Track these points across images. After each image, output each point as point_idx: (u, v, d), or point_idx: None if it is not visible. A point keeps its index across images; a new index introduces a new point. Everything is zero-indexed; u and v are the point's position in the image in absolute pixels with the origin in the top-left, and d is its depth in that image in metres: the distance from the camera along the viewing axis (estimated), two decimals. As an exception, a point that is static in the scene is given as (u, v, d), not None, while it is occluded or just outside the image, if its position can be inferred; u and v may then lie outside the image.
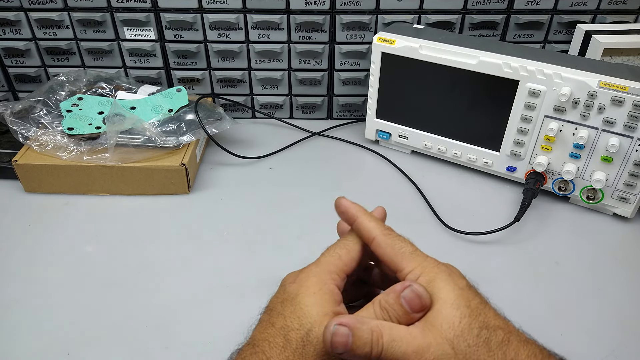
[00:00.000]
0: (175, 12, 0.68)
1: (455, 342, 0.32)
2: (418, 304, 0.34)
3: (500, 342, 0.32)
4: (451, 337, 0.32)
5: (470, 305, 0.34)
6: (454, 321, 0.33)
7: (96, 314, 0.46)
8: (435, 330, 0.33)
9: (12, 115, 0.60)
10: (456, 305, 0.33)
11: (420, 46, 0.59)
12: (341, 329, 0.32)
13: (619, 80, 0.51)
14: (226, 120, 0.64)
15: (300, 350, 0.33)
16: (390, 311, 0.34)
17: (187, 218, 0.58)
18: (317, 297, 0.35)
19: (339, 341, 0.32)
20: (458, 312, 0.33)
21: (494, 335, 0.33)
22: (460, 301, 0.34)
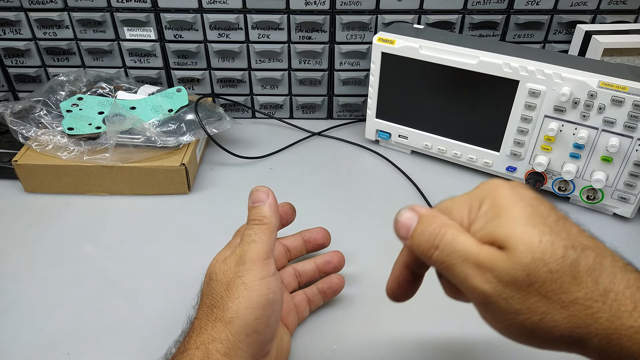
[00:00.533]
0: (175, 12, 0.68)
1: (532, 267, 0.26)
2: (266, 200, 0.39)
3: (591, 266, 0.26)
4: (528, 261, 0.26)
5: (547, 222, 0.27)
6: (532, 241, 0.26)
7: (96, 314, 0.46)
8: (509, 252, 0.26)
9: (12, 115, 0.60)
10: (532, 223, 0.27)
11: (420, 46, 0.59)
12: (409, 212, 0.30)
13: (619, 80, 0.51)
14: (226, 120, 0.64)
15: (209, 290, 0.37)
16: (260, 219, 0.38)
17: (187, 218, 0.58)
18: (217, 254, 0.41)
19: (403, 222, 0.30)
20: (536, 229, 0.26)
21: (583, 257, 0.26)
22: (534, 218, 0.27)
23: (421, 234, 0.29)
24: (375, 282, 0.50)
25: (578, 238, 0.27)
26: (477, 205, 0.29)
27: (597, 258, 0.26)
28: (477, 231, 0.28)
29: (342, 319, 0.46)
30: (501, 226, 0.27)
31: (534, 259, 0.26)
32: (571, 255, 0.26)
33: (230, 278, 0.36)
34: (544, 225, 0.27)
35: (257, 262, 0.36)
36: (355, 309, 0.47)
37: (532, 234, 0.26)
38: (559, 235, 0.26)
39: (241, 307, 0.35)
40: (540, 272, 0.25)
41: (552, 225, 0.27)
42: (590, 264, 0.26)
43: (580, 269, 0.26)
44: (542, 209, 0.28)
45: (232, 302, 0.35)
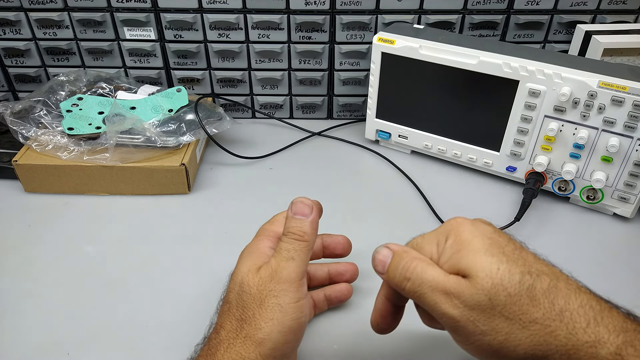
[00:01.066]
0: (175, 12, 0.68)
1: (493, 292, 0.29)
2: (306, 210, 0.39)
3: (547, 289, 0.29)
4: (489, 287, 0.29)
5: (505, 252, 0.30)
6: (491, 268, 0.29)
7: (96, 314, 0.46)
8: (472, 280, 0.29)
9: (12, 115, 0.60)
10: (490, 253, 0.30)
11: (420, 46, 0.59)
12: (384, 250, 0.35)
13: (619, 80, 0.51)
14: (226, 120, 0.64)
15: (240, 302, 0.36)
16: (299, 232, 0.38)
17: (187, 218, 0.58)
18: (246, 258, 0.39)
19: (380, 259, 0.34)
20: (494, 259, 0.30)
21: (539, 282, 0.29)
22: (493, 249, 0.30)
23: (395, 268, 0.33)
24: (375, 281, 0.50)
25: (534, 265, 0.30)
26: (444, 240, 0.33)
27: (552, 282, 0.29)
28: (444, 263, 0.32)
29: (342, 319, 0.46)
30: (464, 257, 0.31)
31: (493, 284, 0.29)
32: (527, 281, 0.29)
33: (265, 295, 0.35)
34: (501, 255, 0.30)
35: (294, 283, 0.36)
36: (356, 308, 0.47)
37: (491, 262, 0.30)
38: (515, 263, 0.29)
39: (274, 330, 0.34)
40: (500, 296, 0.29)
41: (510, 254, 0.30)
42: (545, 288, 0.29)
43: (536, 292, 0.29)
44: (500, 240, 0.31)
45: (266, 323, 0.35)
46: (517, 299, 0.28)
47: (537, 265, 0.30)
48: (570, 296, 0.29)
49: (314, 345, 0.44)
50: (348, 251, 0.47)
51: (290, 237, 0.38)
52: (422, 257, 0.33)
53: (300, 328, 0.36)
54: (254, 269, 0.37)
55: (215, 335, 0.36)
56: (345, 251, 0.47)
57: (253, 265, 0.37)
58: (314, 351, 0.43)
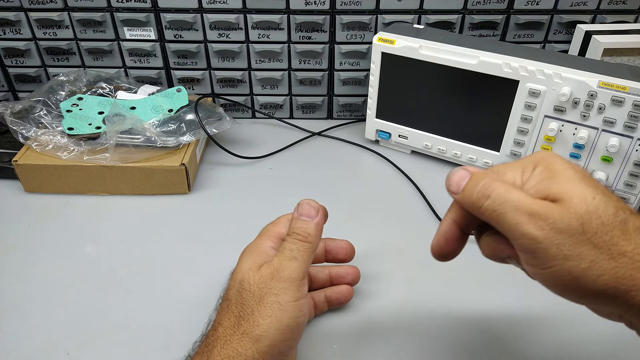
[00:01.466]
0: (175, 12, 0.68)
1: (586, 217, 0.27)
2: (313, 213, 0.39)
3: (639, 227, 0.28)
4: (583, 212, 0.28)
5: (599, 187, 0.29)
6: (586, 196, 0.28)
7: (96, 314, 0.46)
8: (564, 203, 0.28)
9: (12, 115, 0.60)
10: (585, 183, 0.29)
11: (420, 46, 0.59)
12: (462, 171, 0.32)
13: (619, 80, 0.51)
14: (226, 120, 0.64)
15: (239, 299, 0.36)
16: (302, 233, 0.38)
17: (187, 218, 0.58)
18: (247, 257, 0.39)
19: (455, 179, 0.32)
20: (590, 189, 0.28)
21: (632, 219, 0.28)
22: (588, 180, 0.29)
23: (473, 186, 0.31)
24: (376, 281, 0.50)
25: (626, 206, 0.29)
26: (531, 168, 0.31)
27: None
28: (530, 188, 0.30)
29: (342, 319, 0.46)
30: (556, 183, 0.29)
31: (588, 210, 0.27)
32: (622, 215, 0.28)
33: (264, 292, 0.36)
34: (597, 187, 0.29)
35: (294, 282, 0.36)
36: (356, 309, 0.47)
37: (587, 191, 0.28)
38: (610, 198, 0.28)
39: (272, 327, 0.35)
40: (593, 223, 0.27)
41: (604, 190, 0.29)
42: (638, 225, 0.28)
43: (629, 227, 0.28)
44: (592, 179, 0.30)
45: (264, 320, 0.35)
46: (610, 229, 0.27)
47: (629, 207, 0.29)
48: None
49: (314, 345, 0.44)
50: (351, 257, 0.47)
51: (294, 238, 0.38)
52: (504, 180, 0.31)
53: (298, 327, 0.36)
54: (255, 267, 0.37)
55: (213, 332, 0.36)
56: (348, 257, 0.47)
57: (254, 263, 0.38)
58: (314, 351, 0.43)
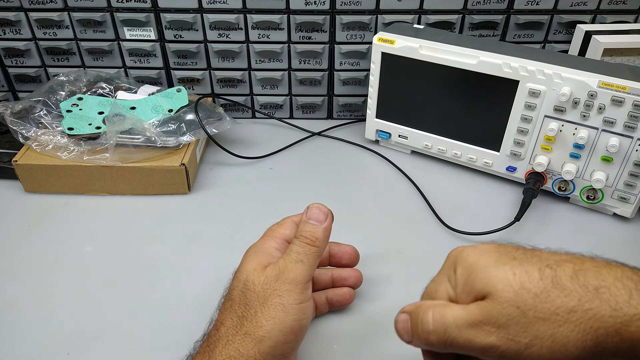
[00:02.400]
0: (175, 12, 0.68)
1: (518, 299, 0.27)
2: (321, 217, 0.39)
3: (572, 274, 0.27)
4: (512, 295, 0.27)
5: (516, 257, 0.29)
6: (507, 277, 0.27)
7: (96, 314, 0.46)
8: (493, 296, 0.27)
9: (12, 115, 0.60)
10: (500, 263, 0.29)
11: (420, 46, 0.59)
12: (402, 316, 0.32)
13: (619, 80, 0.51)
14: (226, 120, 0.64)
15: (243, 300, 0.36)
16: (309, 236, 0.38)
17: (187, 218, 0.58)
18: (252, 257, 0.39)
19: (401, 327, 0.32)
20: (507, 266, 0.28)
21: (561, 271, 0.27)
22: (502, 258, 0.29)
23: (415, 328, 0.31)
24: (375, 281, 0.50)
25: (551, 258, 0.28)
26: (452, 272, 0.31)
27: (577, 266, 0.27)
28: (461, 293, 0.30)
29: (342, 320, 0.46)
30: (477, 279, 0.29)
31: (515, 291, 0.27)
32: (548, 274, 0.27)
33: (269, 294, 0.36)
34: (513, 260, 0.28)
35: (299, 285, 0.36)
36: (356, 310, 0.47)
37: (505, 271, 0.28)
38: (529, 262, 0.28)
39: (275, 329, 0.35)
40: (528, 300, 0.27)
41: (521, 257, 0.29)
42: (571, 273, 0.27)
43: (562, 281, 0.27)
44: (507, 249, 0.30)
45: (267, 321, 0.35)
46: (546, 296, 0.26)
47: (554, 257, 0.28)
48: (602, 272, 0.27)
49: (314, 345, 0.44)
50: (355, 262, 0.47)
51: (301, 241, 0.38)
52: (435, 302, 0.31)
53: (301, 329, 0.36)
54: (260, 268, 0.37)
55: (215, 331, 0.36)
56: (352, 262, 0.47)
57: (259, 264, 0.38)
58: (314, 351, 0.43)
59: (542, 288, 0.27)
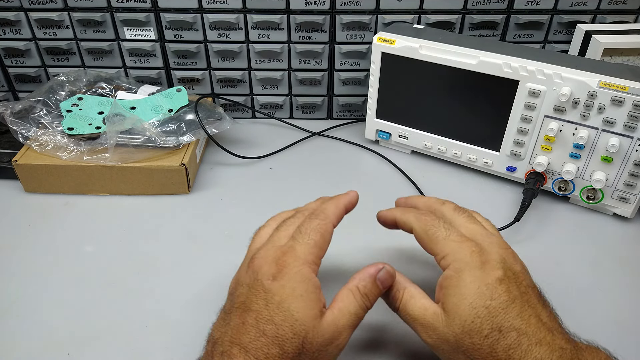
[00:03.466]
0: (175, 12, 0.68)
1: (460, 337, 0.33)
2: (390, 281, 0.38)
3: (509, 345, 0.32)
4: (458, 332, 0.33)
5: (489, 306, 0.33)
6: (466, 319, 0.33)
7: (96, 314, 0.46)
8: (448, 321, 0.34)
9: (12, 115, 0.60)
10: (474, 305, 0.33)
11: (420, 46, 0.59)
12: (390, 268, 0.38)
13: (619, 80, 0.51)
14: (226, 120, 0.64)
15: (296, 357, 0.33)
16: (370, 295, 0.37)
17: (187, 218, 0.58)
18: (304, 299, 0.34)
19: (385, 277, 0.37)
20: (473, 311, 0.33)
21: (504, 339, 0.32)
22: (478, 301, 0.33)
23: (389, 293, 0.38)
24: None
25: (511, 321, 0.33)
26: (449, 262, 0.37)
27: (519, 338, 0.32)
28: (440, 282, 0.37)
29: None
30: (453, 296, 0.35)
31: (463, 331, 0.33)
32: (493, 336, 0.33)
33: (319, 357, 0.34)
34: (483, 309, 0.33)
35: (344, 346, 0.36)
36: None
37: (470, 314, 0.33)
38: (491, 319, 0.33)
39: None
40: (466, 342, 0.33)
41: (492, 308, 0.33)
42: (508, 344, 0.32)
43: (497, 347, 0.32)
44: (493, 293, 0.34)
45: None
46: (479, 348, 0.33)
47: (515, 321, 0.33)
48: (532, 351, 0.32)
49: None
50: None
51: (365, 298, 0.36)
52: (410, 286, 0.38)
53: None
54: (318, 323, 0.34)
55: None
56: None
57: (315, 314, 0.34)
58: (314, 351, 0.43)
59: (480, 343, 0.33)
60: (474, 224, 0.39)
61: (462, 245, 0.36)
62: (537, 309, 0.34)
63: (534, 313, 0.34)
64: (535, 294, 0.35)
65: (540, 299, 0.36)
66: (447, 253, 0.36)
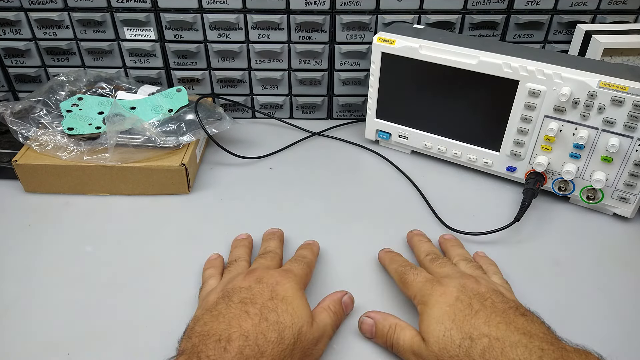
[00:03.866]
0: (175, 12, 0.68)
1: (439, 354, 0.37)
2: (351, 306, 0.46)
3: (483, 349, 0.35)
4: (437, 349, 0.37)
5: (455, 319, 0.38)
6: (438, 335, 0.38)
7: (96, 314, 0.46)
8: (428, 344, 0.38)
9: (12, 115, 0.60)
10: (440, 320, 0.39)
11: (420, 46, 0.59)
12: (368, 320, 0.43)
13: (619, 81, 0.51)
14: (226, 120, 0.64)
15: (291, 346, 0.37)
16: (338, 314, 0.44)
17: (187, 218, 0.58)
18: (303, 301, 0.41)
19: (366, 329, 0.43)
20: (442, 326, 0.38)
21: (476, 345, 0.36)
22: (444, 317, 0.39)
23: (380, 335, 0.42)
24: (375, 282, 0.50)
25: (480, 328, 0.37)
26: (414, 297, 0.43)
27: (491, 342, 0.36)
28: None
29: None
30: (424, 321, 0.40)
31: (440, 348, 0.37)
32: (466, 344, 0.36)
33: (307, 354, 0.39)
34: (450, 322, 0.38)
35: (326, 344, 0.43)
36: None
37: (439, 330, 0.38)
38: (460, 329, 0.37)
39: None
40: (445, 357, 0.37)
41: (459, 321, 0.38)
42: (482, 348, 0.36)
43: (473, 352, 0.36)
44: (456, 308, 0.39)
45: None
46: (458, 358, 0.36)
47: (484, 328, 0.37)
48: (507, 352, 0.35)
49: (314, 345, 0.44)
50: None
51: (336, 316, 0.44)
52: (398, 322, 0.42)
53: None
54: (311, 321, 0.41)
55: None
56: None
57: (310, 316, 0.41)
58: (314, 351, 0.43)
59: (457, 352, 0.36)
60: (447, 267, 0.45)
61: (425, 284, 0.43)
62: (508, 317, 0.38)
63: (503, 320, 0.37)
64: (507, 307, 0.39)
65: (516, 311, 0.39)
66: (414, 294, 0.43)
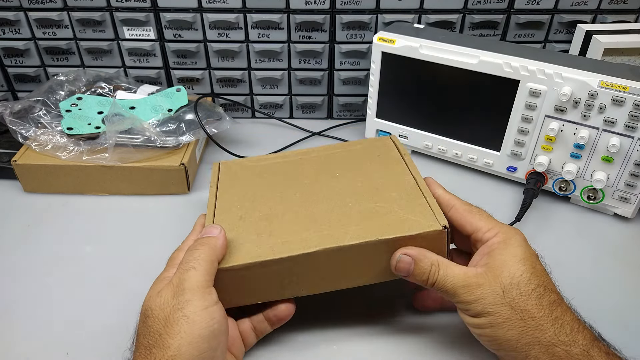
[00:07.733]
0: (175, 11, 0.67)
1: (508, 288, 0.36)
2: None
3: (552, 302, 0.36)
4: (507, 283, 0.36)
5: (535, 267, 0.38)
6: (515, 272, 0.37)
7: (96, 314, 0.46)
8: (494, 275, 0.37)
9: (11, 115, 0.60)
10: (523, 261, 0.37)
11: (421, 46, 0.59)
12: (406, 257, 0.39)
13: (619, 80, 0.51)
14: (226, 120, 0.64)
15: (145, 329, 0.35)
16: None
17: (187, 218, 0.58)
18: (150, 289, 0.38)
19: (403, 267, 0.39)
20: (522, 267, 0.37)
21: (548, 295, 0.36)
22: (527, 261, 0.38)
23: (420, 274, 0.39)
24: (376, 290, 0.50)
25: (551, 285, 0.38)
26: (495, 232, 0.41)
27: (558, 299, 0.37)
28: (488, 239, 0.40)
29: (342, 319, 0.46)
30: (502, 255, 0.38)
31: (511, 283, 0.37)
32: (540, 290, 0.37)
33: (169, 312, 0.34)
34: (531, 268, 0.38)
35: (197, 291, 0.34)
36: (355, 309, 0.47)
37: (518, 269, 0.37)
38: (538, 277, 0.37)
39: (183, 343, 0.32)
40: (513, 292, 0.36)
41: (537, 270, 0.38)
42: (552, 300, 0.37)
43: (543, 300, 0.36)
44: (536, 260, 0.39)
45: (173, 339, 0.33)
46: (526, 298, 0.36)
47: (553, 287, 0.38)
48: (567, 312, 0.37)
49: (314, 346, 0.44)
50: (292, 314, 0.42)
51: (190, 249, 0.38)
52: (440, 259, 0.39)
53: (213, 336, 0.34)
54: (155, 293, 0.36)
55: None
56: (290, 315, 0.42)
57: (154, 291, 0.36)
58: (314, 352, 0.43)
59: (529, 293, 0.36)
60: None
61: (503, 224, 0.41)
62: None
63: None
64: None
65: None
66: (492, 227, 0.40)
